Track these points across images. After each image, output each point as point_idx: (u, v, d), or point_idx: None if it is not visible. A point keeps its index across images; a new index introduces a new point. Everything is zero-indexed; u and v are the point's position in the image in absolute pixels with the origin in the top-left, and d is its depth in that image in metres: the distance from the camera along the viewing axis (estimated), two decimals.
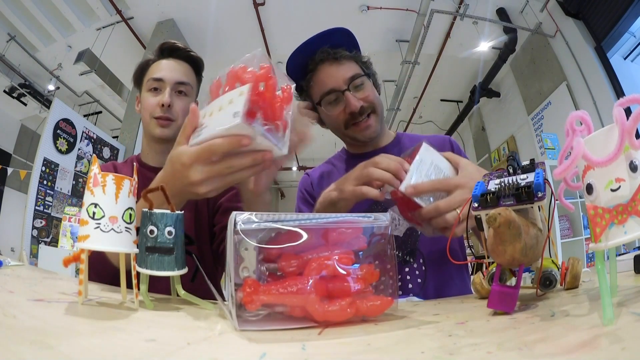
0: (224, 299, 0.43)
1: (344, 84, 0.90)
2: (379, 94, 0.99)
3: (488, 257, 0.49)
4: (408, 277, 0.86)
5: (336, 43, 0.93)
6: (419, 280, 0.86)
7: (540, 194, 0.43)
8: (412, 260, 0.88)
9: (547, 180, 0.46)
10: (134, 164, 0.59)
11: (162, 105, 0.95)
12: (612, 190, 0.34)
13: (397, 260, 0.87)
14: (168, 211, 0.49)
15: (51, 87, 4.58)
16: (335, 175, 0.99)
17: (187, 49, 1.04)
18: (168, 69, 0.99)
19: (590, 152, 0.35)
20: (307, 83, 0.96)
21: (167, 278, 0.49)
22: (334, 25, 0.95)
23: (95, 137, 3.55)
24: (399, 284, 0.86)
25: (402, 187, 0.65)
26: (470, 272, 0.95)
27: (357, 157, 1.00)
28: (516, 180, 0.47)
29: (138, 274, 0.47)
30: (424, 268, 0.87)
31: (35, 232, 2.92)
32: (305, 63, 0.95)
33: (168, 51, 1.02)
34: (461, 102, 5.45)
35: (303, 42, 0.93)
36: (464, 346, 0.30)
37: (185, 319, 0.43)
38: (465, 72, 4.89)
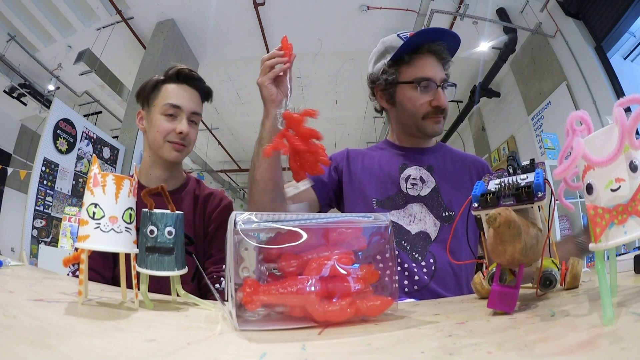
0: (224, 299, 0.43)
1: (439, 81, 0.97)
2: None
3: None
4: (415, 270, 0.88)
5: (449, 44, 0.99)
6: (426, 277, 0.88)
7: (540, 194, 0.43)
8: (420, 258, 0.90)
9: (547, 180, 0.46)
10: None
11: (181, 132, 0.98)
12: (612, 190, 0.34)
13: (408, 256, 0.88)
14: (168, 211, 0.49)
15: (51, 87, 4.57)
16: (371, 158, 1.04)
17: (202, 79, 1.07)
18: (186, 98, 1.01)
19: (590, 152, 0.35)
20: (410, 59, 0.99)
21: (167, 278, 0.49)
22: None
23: (95, 137, 3.55)
24: (406, 274, 0.88)
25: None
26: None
27: (397, 148, 1.05)
28: (516, 180, 0.47)
29: (138, 274, 0.47)
30: (433, 268, 0.89)
31: (35, 232, 2.92)
32: (421, 43, 0.98)
33: (184, 78, 1.03)
34: (461, 102, 5.44)
35: (436, 28, 1.00)
36: (464, 346, 0.30)
37: (185, 319, 0.43)
38: (465, 72, 4.88)
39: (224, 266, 0.92)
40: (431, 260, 0.90)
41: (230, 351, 0.32)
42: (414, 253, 0.90)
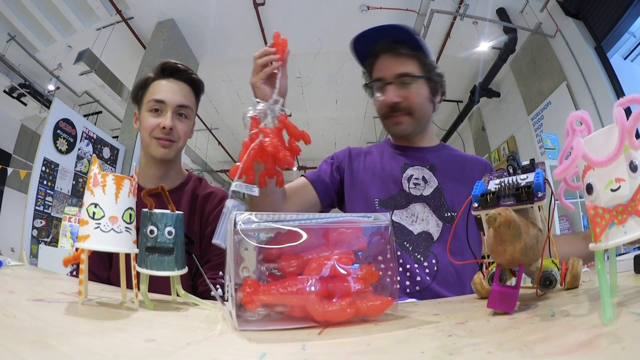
0: (224, 299, 0.43)
1: (391, 77, 0.96)
2: (440, 98, 1.04)
3: (488, 257, 0.49)
4: (417, 271, 0.88)
5: (400, 39, 0.97)
6: (428, 278, 0.88)
7: (540, 194, 0.43)
8: (422, 259, 0.90)
9: (547, 180, 0.46)
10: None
11: (164, 127, 0.96)
12: (612, 190, 0.34)
13: (410, 256, 0.89)
14: (168, 211, 0.49)
15: (51, 87, 4.57)
16: (373, 157, 1.05)
17: (189, 70, 1.04)
18: (170, 91, 0.98)
19: (590, 152, 0.35)
20: (370, 66, 1.01)
21: (167, 278, 0.49)
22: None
23: (95, 137, 3.55)
24: (408, 274, 0.88)
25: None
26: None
27: (397, 148, 1.06)
28: (516, 180, 0.47)
29: (138, 274, 0.47)
30: (435, 269, 0.89)
31: (35, 232, 2.92)
32: (367, 48, 0.99)
33: (169, 71, 1.01)
34: (461, 102, 5.44)
35: (366, 30, 0.99)
36: (464, 346, 0.30)
37: (185, 319, 0.43)
38: (465, 72, 4.88)
39: (220, 272, 0.91)
40: (433, 261, 0.89)
41: (230, 351, 0.32)
42: (416, 254, 0.90)
